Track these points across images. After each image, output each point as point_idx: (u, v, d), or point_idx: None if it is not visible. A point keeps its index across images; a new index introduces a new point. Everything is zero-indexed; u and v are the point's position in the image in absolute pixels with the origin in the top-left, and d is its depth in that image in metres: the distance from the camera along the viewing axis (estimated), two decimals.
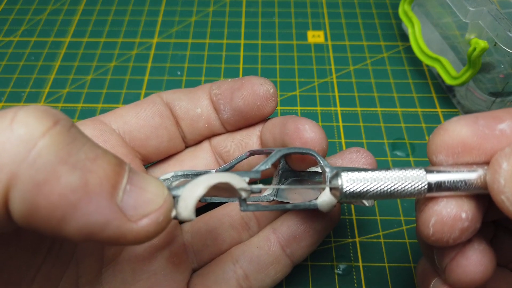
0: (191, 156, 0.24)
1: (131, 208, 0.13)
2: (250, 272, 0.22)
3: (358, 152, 0.22)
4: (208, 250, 0.23)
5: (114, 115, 0.22)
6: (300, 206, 0.18)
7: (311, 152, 0.19)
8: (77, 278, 0.19)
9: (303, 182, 0.22)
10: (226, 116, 0.23)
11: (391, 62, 0.37)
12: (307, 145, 0.19)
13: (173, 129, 0.23)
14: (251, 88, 0.22)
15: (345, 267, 0.26)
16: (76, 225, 0.12)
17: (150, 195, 0.14)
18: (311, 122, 0.20)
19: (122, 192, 0.13)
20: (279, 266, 0.22)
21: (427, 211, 0.16)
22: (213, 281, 0.22)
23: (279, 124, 0.21)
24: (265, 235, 0.22)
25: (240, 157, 0.21)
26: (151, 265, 0.21)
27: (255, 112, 0.22)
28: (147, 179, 0.14)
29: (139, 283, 0.21)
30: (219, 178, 0.16)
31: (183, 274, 0.22)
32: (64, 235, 0.13)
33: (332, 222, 0.22)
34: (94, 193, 0.13)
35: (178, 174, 0.18)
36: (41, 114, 0.13)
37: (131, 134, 0.22)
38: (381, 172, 0.16)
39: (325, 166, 0.18)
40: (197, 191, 0.15)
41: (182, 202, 0.15)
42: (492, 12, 0.28)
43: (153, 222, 0.14)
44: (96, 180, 0.13)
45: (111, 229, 0.13)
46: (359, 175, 0.16)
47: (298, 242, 0.22)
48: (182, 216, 0.15)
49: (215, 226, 0.23)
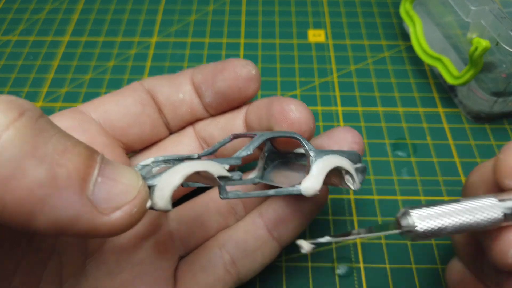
0: (175, 142, 0.23)
1: (103, 201, 0.13)
2: (237, 257, 0.22)
3: (345, 131, 0.21)
4: (195, 237, 0.23)
5: (93, 105, 0.22)
6: (282, 192, 0.18)
7: (295, 136, 0.18)
8: (60, 270, 0.18)
9: (289, 163, 0.21)
10: (209, 100, 0.22)
11: (392, 61, 0.37)
12: (294, 126, 0.19)
13: (155, 116, 0.23)
14: (233, 70, 0.21)
15: (346, 269, 0.26)
16: (46, 220, 0.12)
17: (123, 186, 0.14)
18: (297, 102, 0.19)
19: (92, 184, 0.13)
20: (267, 249, 0.22)
21: (505, 240, 0.15)
22: (200, 268, 0.22)
23: (265, 105, 0.20)
24: (251, 219, 0.22)
25: (223, 140, 0.20)
26: (137, 255, 0.21)
27: (237, 94, 0.22)
28: (120, 170, 0.14)
29: (124, 273, 0.21)
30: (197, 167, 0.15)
31: (170, 262, 0.22)
32: (34, 230, 0.12)
33: (318, 204, 0.22)
34: (62, 187, 0.12)
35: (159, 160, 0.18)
36: (5, 105, 0.12)
37: (112, 123, 0.22)
38: (450, 205, 0.15)
39: (309, 150, 0.18)
40: (174, 180, 0.15)
41: (158, 192, 0.14)
42: (494, 11, 0.28)
43: (126, 214, 0.13)
44: (64, 174, 0.12)
45: (83, 223, 0.13)
46: (428, 211, 0.15)
47: (285, 225, 0.22)
48: (158, 206, 0.14)
49: (201, 213, 0.23)
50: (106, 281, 0.20)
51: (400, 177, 0.30)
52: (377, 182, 0.29)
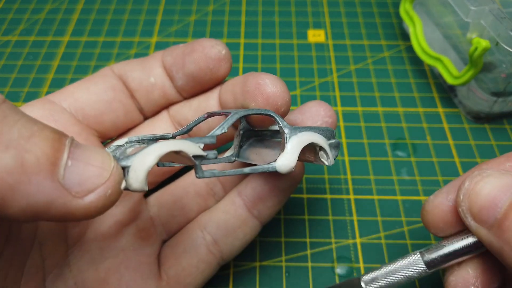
0: (150, 127, 0.23)
1: (75, 184, 0.13)
2: (218, 237, 0.22)
3: (317, 106, 0.21)
4: (176, 221, 0.23)
5: (63, 93, 0.21)
6: (258, 170, 0.18)
7: (270, 113, 0.18)
8: (42, 262, 0.18)
9: (265, 140, 0.21)
10: (181, 83, 0.22)
11: (392, 61, 0.37)
12: (269, 100, 0.19)
13: (128, 102, 0.22)
14: (202, 51, 0.21)
15: (346, 269, 0.26)
16: (18, 207, 0.12)
17: (94, 168, 0.13)
18: (271, 76, 0.19)
19: (63, 169, 0.13)
20: (247, 228, 0.22)
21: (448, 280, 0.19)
22: (183, 250, 0.22)
23: (240, 82, 0.20)
24: (230, 199, 0.22)
25: (197, 119, 0.20)
26: (119, 242, 0.21)
27: (209, 76, 0.21)
28: (91, 152, 0.14)
29: (107, 260, 0.20)
30: (171, 146, 0.15)
31: (152, 247, 0.22)
32: (8, 217, 0.12)
33: (295, 180, 0.22)
34: (32, 173, 0.12)
35: (133, 140, 0.18)
36: None
37: (83, 111, 0.21)
38: (388, 267, 0.19)
39: (284, 127, 0.18)
40: (148, 161, 0.14)
41: (133, 173, 0.14)
42: (494, 11, 0.28)
43: (100, 196, 0.13)
44: (33, 159, 0.12)
45: (57, 207, 0.13)
46: (374, 275, 0.19)
47: (264, 203, 0.22)
48: (133, 187, 0.14)
49: (180, 196, 0.23)
50: (90, 270, 0.20)
51: (400, 177, 0.30)
52: (377, 182, 0.29)
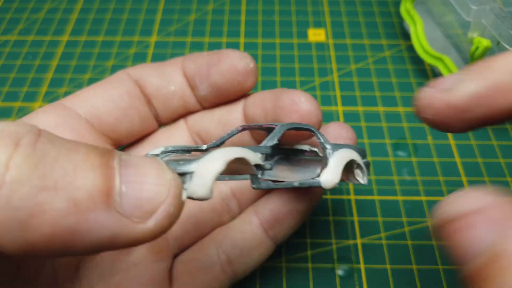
0: (166, 135, 0.23)
1: (135, 209, 0.12)
2: (233, 256, 0.21)
3: (339, 128, 0.21)
4: (189, 235, 0.22)
5: (78, 98, 0.21)
6: (306, 184, 0.18)
7: (311, 128, 0.19)
8: (55, 276, 0.18)
9: (290, 159, 0.21)
10: (204, 93, 0.22)
11: (393, 61, 0.37)
12: (305, 118, 0.19)
13: (144, 109, 0.22)
14: (230, 63, 0.21)
15: (347, 269, 0.26)
16: (82, 246, 0.11)
17: (151, 187, 0.12)
18: (306, 94, 0.19)
19: (118, 197, 0.12)
20: (262, 249, 0.22)
21: None
22: (198, 268, 0.21)
23: (271, 98, 0.20)
24: (247, 217, 0.22)
25: (231, 132, 0.20)
26: (130, 256, 0.21)
27: (235, 88, 0.21)
28: (143, 168, 0.12)
29: (119, 274, 0.20)
30: (239, 153, 0.14)
31: (165, 262, 0.22)
32: (74, 255, 0.12)
33: (313, 202, 0.22)
34: (88, 211, 0.11)
35: (169, 150, 0.17)
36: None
37: (99, 118, 0.20)
38: None
39: (325, 143, 0.18)
40: (216, 166, 0.13)
41: (199, 179, 0.13)
42: (495, 10, 0.28)
43: (164, 216, 0.12)
44: (85, 196, 0.11)
45: (121, 238, 0.12)
46: None
47: (280, 224, 0.21)
48: (197, 194, 0.13)
49: (194, 212, 0.23)
50: (100, 284, 0.20)
51: (400, 177, 0.29)
52: (378, 182, 0.29)
